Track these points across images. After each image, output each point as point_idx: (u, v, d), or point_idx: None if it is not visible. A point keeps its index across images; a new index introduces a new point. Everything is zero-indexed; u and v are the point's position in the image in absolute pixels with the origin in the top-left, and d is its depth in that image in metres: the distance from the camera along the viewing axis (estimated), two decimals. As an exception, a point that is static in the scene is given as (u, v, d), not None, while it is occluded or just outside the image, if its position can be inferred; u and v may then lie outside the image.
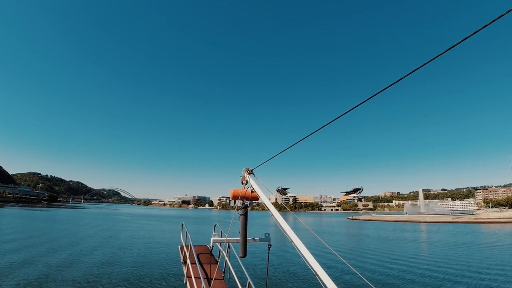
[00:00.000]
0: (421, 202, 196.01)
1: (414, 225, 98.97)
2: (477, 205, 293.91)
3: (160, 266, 25.53)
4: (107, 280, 20.41)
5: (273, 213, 5.84)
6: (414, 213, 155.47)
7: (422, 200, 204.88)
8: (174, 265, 25.67)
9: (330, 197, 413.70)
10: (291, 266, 26.62)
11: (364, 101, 3.70)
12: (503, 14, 2.35)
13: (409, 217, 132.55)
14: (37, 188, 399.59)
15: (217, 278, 8.03)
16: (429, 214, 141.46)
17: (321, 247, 33.69)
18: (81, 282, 19.74)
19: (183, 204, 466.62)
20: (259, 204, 7.52)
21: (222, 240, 7.62)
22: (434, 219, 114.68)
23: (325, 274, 4.15)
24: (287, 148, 5.96)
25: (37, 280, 19.71)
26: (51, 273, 21.77)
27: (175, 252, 28.60)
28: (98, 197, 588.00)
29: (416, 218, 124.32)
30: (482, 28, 2.47)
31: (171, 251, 33.59)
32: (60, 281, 19.75)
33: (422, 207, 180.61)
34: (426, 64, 2.99)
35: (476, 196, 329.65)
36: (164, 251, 33.77)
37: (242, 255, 6.51)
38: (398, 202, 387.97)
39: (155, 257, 29.82)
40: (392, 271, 26.10)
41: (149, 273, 22.75)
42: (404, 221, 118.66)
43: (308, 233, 39.32)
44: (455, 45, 2.72)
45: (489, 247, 42.45)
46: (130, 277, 21.45)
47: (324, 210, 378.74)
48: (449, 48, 2.75)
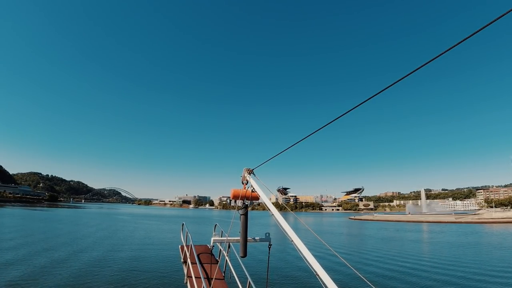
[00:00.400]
0: (423, 202, 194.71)
1: (416, 225, 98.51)
2: (478, 205, 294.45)
3: (160, 266, 25.59)
4: (108, 280, 20.43)
5: (273, 213, 5.85)
6: (416, 213, 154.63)
7: (424, 200, 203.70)
8: (174, 264, 25.73)
9: (330, 197, 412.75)
10: (291, 266, 26.55)
11: (364, 101, 3.69)
12: (503, 14, 2.33)
13: (411, 217, 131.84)
14: (37, 188, 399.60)
15: (218, 278, 8.03)
16: (432, 214, 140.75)
17: (322, 248, 33.47)
18: (82, 283, 19.73)
19: (184, 204, 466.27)
20: (260, 204, 7.40)
21: (222, 240, 7.59)
22: (437, 219, 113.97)
23: (326, 274, 4.14)
24: (287, 148, 5.99)
25: (37, 281, 19.71)
26: (51, 273, 21.68)
27: (176, 252, 28.87)
28: (99, 197, 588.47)
29: (418, 218, 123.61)
30: (483, 28, 2.45)
31: (171, 251, 33.63)
32: (60, 282, 19.71)
33: (424, 207, 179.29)
34: (426, 64, 3.00)
35: (477, 196, 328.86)
36: (164, 251, 33.77)
37: (242, 255, 6.50)
38: (399, 202, 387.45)
39: (155, 257, 29.88)
40: (396, 273, 25.65)
41: (150, 273, 22.83)
42: (406, 221, 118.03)
43: (309, 233, 38.13)
44: (455, 45, 2.71)
45: (495, 248, 41.98)
46: (131, 277, 21.48)
47: (325, 210, 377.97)
48: (450, 48, 2.74)
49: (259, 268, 23.24)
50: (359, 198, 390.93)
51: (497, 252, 37.97)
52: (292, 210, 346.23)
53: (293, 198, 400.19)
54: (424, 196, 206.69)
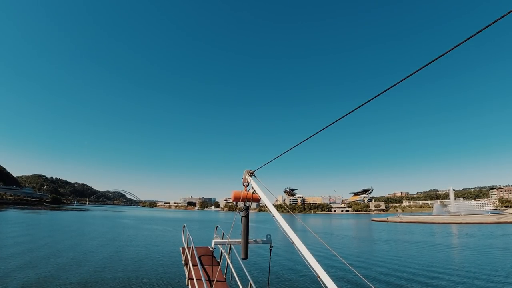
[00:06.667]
0: (452, 202, 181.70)
1: (455, 227, 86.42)
2: (493, 205, 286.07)
3: (161, 268, 25.35)
4: (109, 282, 20.36)
5: (274, 215, 5.74)
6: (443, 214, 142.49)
7: (453, 199, 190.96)
8: (175, 266, 25.45)
9: (339, 198, 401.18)
10: (293, 268, 26.11)
11: (368, 101, 3.65)
12: (503, 15, 2.30)
13: (446, 218, 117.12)
14: (41, 191, 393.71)
15: (219, 280, 8.16)
16: (470, 215, 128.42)
17: (325, 250, 31.04)
18: (82, 283, 19.74)
19: (189, 206, 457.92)
20: (266, 205, 6.57)
21: (223, 242, 7.35)
22: (477, 219, 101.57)
23: (327, 276, 4.10)
24: (289, 149, 5.86)
25: (37, 281, 19.80)
26: (50, 275, 21.60)
27: (177, 254, 27.56)
28: (103, 199, 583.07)
29: (454, 219, 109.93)
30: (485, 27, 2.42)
31: (172, 252, 33.49)
32: (60, 283, 19.67)
33: (454, 207, 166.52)
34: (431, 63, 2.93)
35: (491, 195, 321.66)
36: (165, 253, 33.62)
37: (243, 257, 6.41)
38: (409, 202, 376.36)
39: (156, 259, 29.48)
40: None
41: (151, 275, 22.72)
42: (441, 222, 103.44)
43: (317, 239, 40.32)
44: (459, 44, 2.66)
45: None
46: (132, 279, 21.35)
47: (334, 211, 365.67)
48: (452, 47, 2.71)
49: (260, 270, 23.27)
50: (369, 199, 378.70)
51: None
52: (300, 211, 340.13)
53: (300, 199, 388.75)
54: (453, 195, 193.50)
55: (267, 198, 6.32)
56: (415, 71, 3.04)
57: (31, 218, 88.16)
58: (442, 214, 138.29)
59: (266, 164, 6.58)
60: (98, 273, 22.61)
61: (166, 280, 21.33)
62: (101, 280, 20.77)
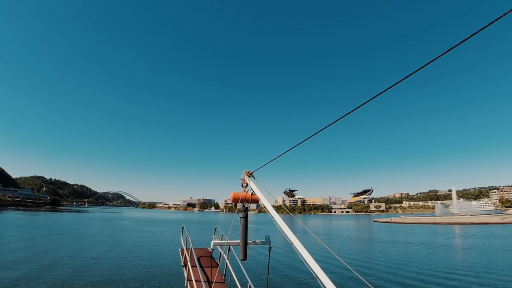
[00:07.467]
0: (455, 202, 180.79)
1: (460, 228, 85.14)
2: (494, 205, 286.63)
3: (160, 269, 25.38)
4: (109, 282, 20.43)
5: (273, 216, 5.70)
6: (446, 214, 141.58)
7: (456, 200, 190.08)
8: (174, 268, 25.49)
9: (339, 199, 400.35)
10: (292, 269, 26.13)
11: (368, 101, 3.65)
12: (503, 15, 2.30)
13: (450, 219, 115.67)
14: (40, 192, 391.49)
15: (218, 281, 8.09)
16: (474, 215, 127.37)
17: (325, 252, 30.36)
18: (83, 283, 19.74)
19: (188, 207, 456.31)
20: (265, 207, 6.47)
21: (222, 243, 7.47)
22: (481, 220, 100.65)
23: (327, 277, 4.12)
24: (289, 150, 5.84)
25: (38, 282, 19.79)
26: (50, 276, 21.49)
27: (176, 255, 27.27)
28: (103, 201, 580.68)
29: (458, 220, 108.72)
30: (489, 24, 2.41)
31: (171, 254, 33.41)
32: (60, 283, 19.68)
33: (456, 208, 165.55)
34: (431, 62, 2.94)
35: (491, 196, 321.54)
36: (164, 254, 33.53)
37: (242, 258, 6.43)
38: (409, 203, 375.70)
39: (155, 260, 29.48)
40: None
41: (150, 276, 22.73)
42: (445, 223, 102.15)
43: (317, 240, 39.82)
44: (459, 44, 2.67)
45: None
46: (131, 281, 21.29)
47: (334, 212, 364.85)
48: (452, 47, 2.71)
49: (259, 271, 23.16)
50: (369, 200, 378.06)
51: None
52: (300, 212, 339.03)
53: (300, 200, 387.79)
54: (455, 196, 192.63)
55: (266, 199, 6.24)
56: (415, 71, 3.06)
57: (30, 220, 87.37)
58: (445, 215, 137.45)
59: (265, 164, 6.51)
60: (98, 274, 22.75)
61: (165, 281, 21.40)
62: (101, 280, 20.94)
